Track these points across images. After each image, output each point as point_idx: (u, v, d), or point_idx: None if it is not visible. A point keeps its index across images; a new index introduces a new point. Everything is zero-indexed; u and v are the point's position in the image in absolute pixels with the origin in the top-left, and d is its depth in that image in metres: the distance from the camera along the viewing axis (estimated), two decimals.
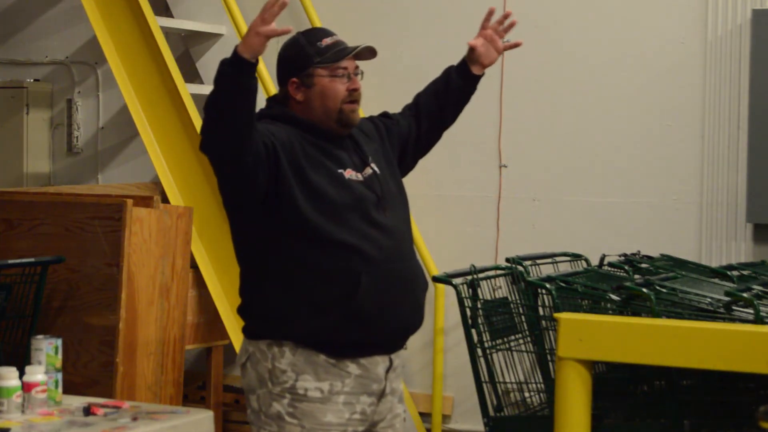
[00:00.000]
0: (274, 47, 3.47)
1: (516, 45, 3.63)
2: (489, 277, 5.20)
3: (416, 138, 3.65)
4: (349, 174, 3.37)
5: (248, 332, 3.42)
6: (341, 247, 3.28)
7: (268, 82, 6.09)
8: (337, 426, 3.31)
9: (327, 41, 3.42)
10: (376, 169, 3.45)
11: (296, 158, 3.29)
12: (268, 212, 3.29)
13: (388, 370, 3.41)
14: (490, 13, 3.57)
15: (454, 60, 6.35)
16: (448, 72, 3.67)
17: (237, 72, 3.13)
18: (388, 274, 3.33)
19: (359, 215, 3.32)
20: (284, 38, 3.43)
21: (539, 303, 4.80)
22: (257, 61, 3.16)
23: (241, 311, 3.45)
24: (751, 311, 4.23)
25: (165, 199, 5.74)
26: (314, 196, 3.28)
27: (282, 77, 3.45)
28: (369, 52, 3.46)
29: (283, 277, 3.31)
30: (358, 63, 3.48)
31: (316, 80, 3.40)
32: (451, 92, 3.64)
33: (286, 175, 3.26)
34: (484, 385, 4.96)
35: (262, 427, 3.35)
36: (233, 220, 3.42)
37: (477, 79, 3.65)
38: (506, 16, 3.59)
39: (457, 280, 4.95)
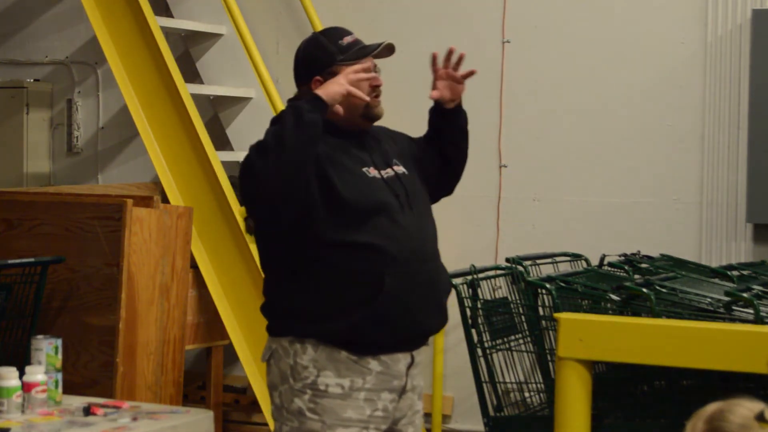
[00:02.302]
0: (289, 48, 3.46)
1: (471, 73, 3.57)
2: (489, 277, 5.20)
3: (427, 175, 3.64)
4: (373, 173, 3.38)
5: (271, 330, 3.42)
6: (364, 248, 3.28)
7: (267, 81, 6.09)
8: (357, 422, 3.31)
9: (347, 39, 3.44)
10: (400, 169, 3.46)
11: (321, 163, 3.30)
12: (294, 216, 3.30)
13: (409, 367, 3.41)
14: (434, 57, 3.54)
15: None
16: (430, 116, 3.64)
17: (314, 108, 3.21)
18: (412, 275, 3.33)
19: (382, 215, 3.32)
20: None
21: (539, 303, 4.80)
22: (327, 108, 3.25)
23: (265, 309, 3.44)
24: (751, 311, 4.24)
25: (165, 199, 5.74)
26: (337, 197, 3.29)
27: (304, 76, 3.43)
28: (387, 50, 3.47)
29: (306, 277, 3.31)
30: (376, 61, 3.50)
31: None
32: (439, 133, 3.61)
33: (313, 184, 3.29)
34: (484, 385, 4.96)
35: (284, 422, 3.35)
36: (259, 224, 3.43)
37: (456, 113, 3.59)
38: (450, 52, 3.55)
39: (457, 280, 4.95)
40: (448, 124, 3.60)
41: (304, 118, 3.19)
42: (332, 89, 3.25)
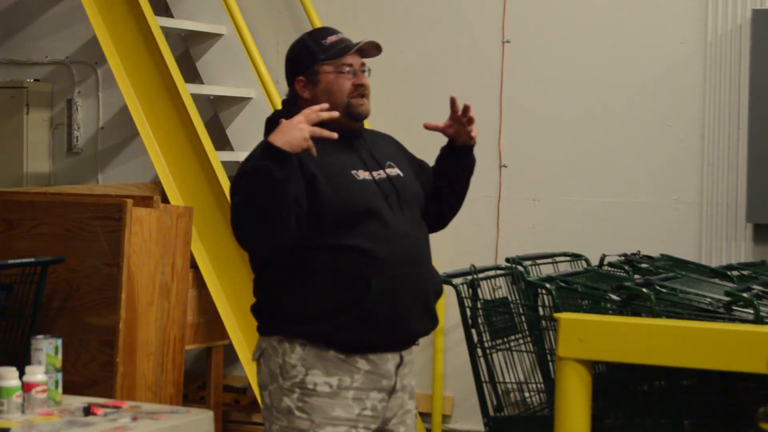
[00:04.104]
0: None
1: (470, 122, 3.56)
2: (489, 277, 5.20)
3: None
4: (362, 175, 3.38)
5: (261, 329, 3.44)
6: (351, 251, 3.29)
7: (267, 81, 6.09)
8: (346, 421, 3.32)
9: (331, 39, 3.45)
10: (393, 171, 3.46)
11: (308, 168, 3.29)
12: None
13: (398, 367, 3.42)
14: (453, 100, 3.54)
15: (452, 59, 6.38)
16: (440, 150, 3.65)
17: (282, 166, 3.16)
18: (399, 278, 3.33)
19: (371, 218, 3.33)
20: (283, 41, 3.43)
21: (539, 303, 4.80)
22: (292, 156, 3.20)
23: (254, 309, 3.46)
24: (751, 311, 4.24)
25: (165, 199, 5.74)
26: (324, 202, 3.29)
27: (289, 77, 3.48)
28: (374, 49, 3.47)
29: (295, 278, 3.32)
30: (365, 61, 3.49)
31: (322, 77, 3.42)
32: (442, 167, 3.62)
33: (301, 186, 3.29)
34: (484, 385, 4.96)
35: (273, 422, 3.37)
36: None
37: (463, 152, 3.60)
38: (467, 109, 3.55)
39: (457, 280, 4.95)
40: (453, 161, 3.60)
41: (272, 179, 3.15)
42: (293, 138, 3.18)
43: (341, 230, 3.30)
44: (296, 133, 3.18)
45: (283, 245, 3.26)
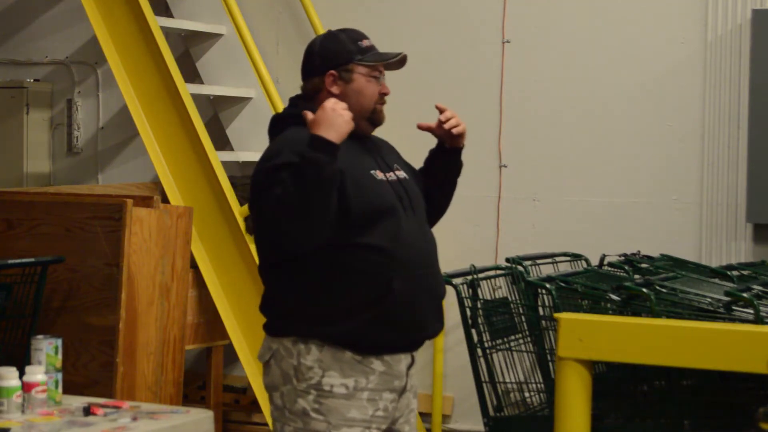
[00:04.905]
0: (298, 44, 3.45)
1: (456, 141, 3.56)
2: (489, 277, 5.20)
3: None
4: (380, 176, 3.40)
5: (271, 329, 3.41)
6: (372, 250, 3.29)
7: (267, 81, 6.09)
8: (360, 422, 3.32)
9: (366, 43, 3.47)
10: (401, 174, 3.48)
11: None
12: None
13: (409, 367, 3.43)
14: (439, 109, 3.55)
15: (452, 59, 6.38)
16: (429, 152, 3.66)
17: (332, 158, 3.17)
18: (417, 279, 3.34)
19: (390, 218, 3.33)
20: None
21: (539, 303, 4.80)
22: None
23: (265, 309, 3.43)
24: (751, 311, 4.24)
25: (165, 199, 5.74)
26: (348, 200, 3.28)
27: (318, 69, 3.44)
28: (399, 63, 3.50)
29: (312, 278, 3.31)
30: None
31: (355, 77, 3.42)
32: (431, 167, 3.63)
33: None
34: (484, 385, 4.96)
35: (286, 423, 3.35)
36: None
37: (452, 153, 3.60)
38: (447, 119, 3.54)
39: (457, 280, 4.96)
40: (440, 162, 3.60)
41: (325, 173, 3.16)
42: (339, 125, 3.21)
43: (362, 229, 3.29)
44: (339, 120, 3.21)
45: (319, 242, 3.24)
